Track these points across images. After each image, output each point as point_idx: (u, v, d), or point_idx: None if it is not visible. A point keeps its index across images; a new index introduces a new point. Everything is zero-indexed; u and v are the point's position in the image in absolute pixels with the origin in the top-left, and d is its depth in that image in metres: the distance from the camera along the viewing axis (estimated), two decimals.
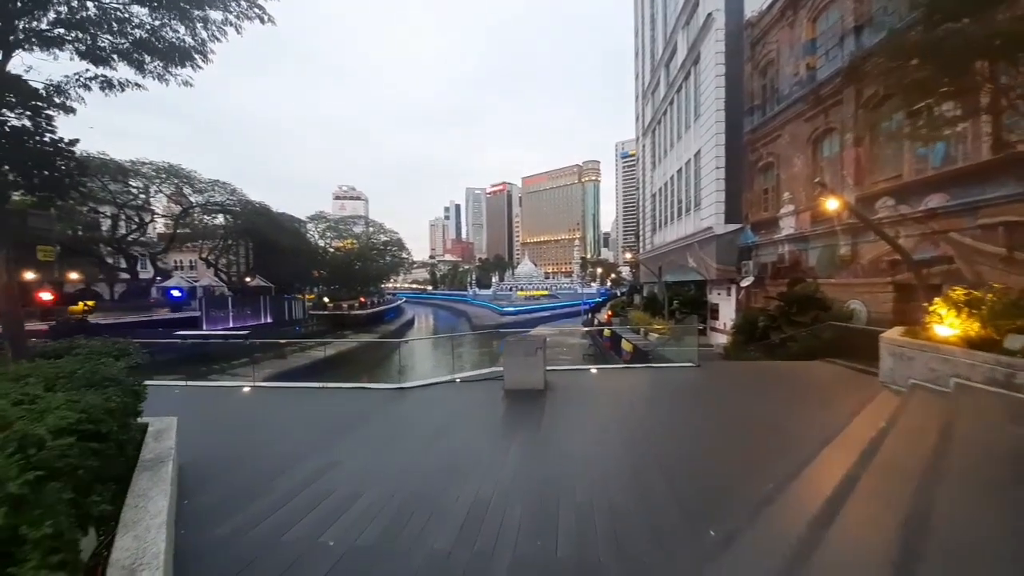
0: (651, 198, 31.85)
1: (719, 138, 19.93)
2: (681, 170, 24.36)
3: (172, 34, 6.64)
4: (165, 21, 6.50)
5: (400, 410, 6.48)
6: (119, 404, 2.21)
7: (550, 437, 5.00)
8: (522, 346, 7.17)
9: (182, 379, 7.99)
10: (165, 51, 6.75)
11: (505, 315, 72.84)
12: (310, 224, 67.54)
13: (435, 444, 4.88)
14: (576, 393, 7.05)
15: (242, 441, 5.17)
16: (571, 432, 5.13)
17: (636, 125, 55.84)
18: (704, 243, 20.50)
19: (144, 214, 47.13)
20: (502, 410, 6.28)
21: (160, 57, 6.74)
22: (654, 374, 8.50)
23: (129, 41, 6.43)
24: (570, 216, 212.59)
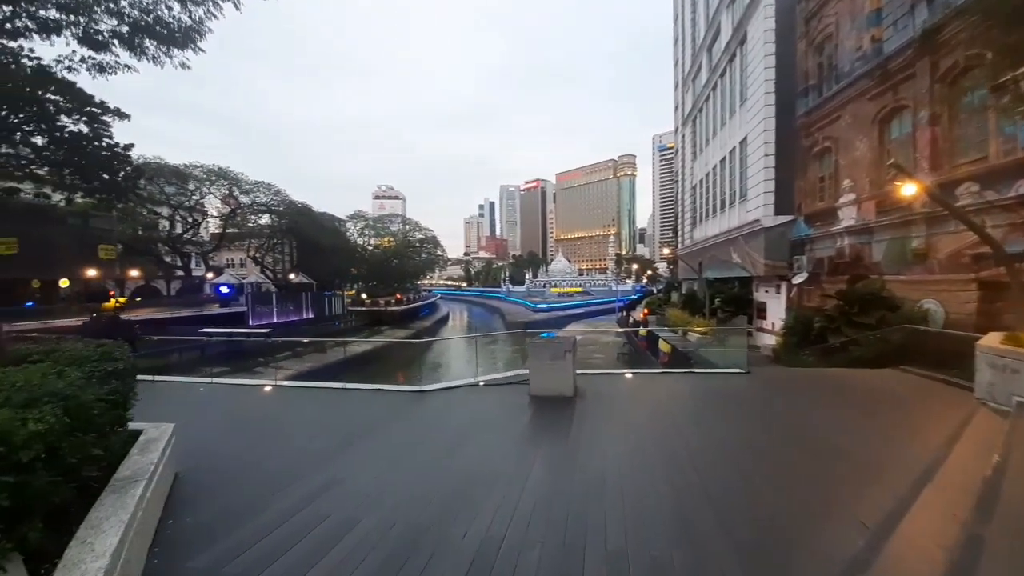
0: (691, 190, 30.25)
1: (768, 123, 18.45)
2: (724, 159, 22.85)
3: (166, 12, 6.48)
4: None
5: (416, 416, 6.09)
6: (54, 423, 1.89)
7: (578, 456, 4.42)
8: (549, 349, 6.59)
9: (207, 376, 7.96)
10: (164, 35, 6.60)
11: (538, 312, 72.24)
12: (349, 223, 69.37)
13: (448, 460, 4.42)
14: (609, 402, 6.42)
15: (248, 447, 4.91)
16: (603, 451, 4.53)
17: (675, 115, 53.62)
18: (750, 237, 19.09)
19: (196, 215, 49.86)
20: (526, 420, 5.74)
21: (160, 40, 6.61)
22: (697, 381, 7.70)
23: (128, 24, 6.32)
24: (605, 212, 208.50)
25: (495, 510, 3.32)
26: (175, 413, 6.26)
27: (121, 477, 2.68)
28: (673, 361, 14.15)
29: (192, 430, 5.49)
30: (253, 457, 4.56)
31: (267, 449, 4.82)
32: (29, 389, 2.06)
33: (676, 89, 52.66)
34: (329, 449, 4.69)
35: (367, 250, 69.39)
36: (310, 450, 4.67)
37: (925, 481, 3.61)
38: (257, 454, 4.66)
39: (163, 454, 3.32)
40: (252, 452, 4.73)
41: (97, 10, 6.09)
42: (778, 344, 16.47)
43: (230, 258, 64.43)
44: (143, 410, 6.44)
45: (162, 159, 43.64)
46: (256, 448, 4.87)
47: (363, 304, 59.10)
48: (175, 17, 6.43)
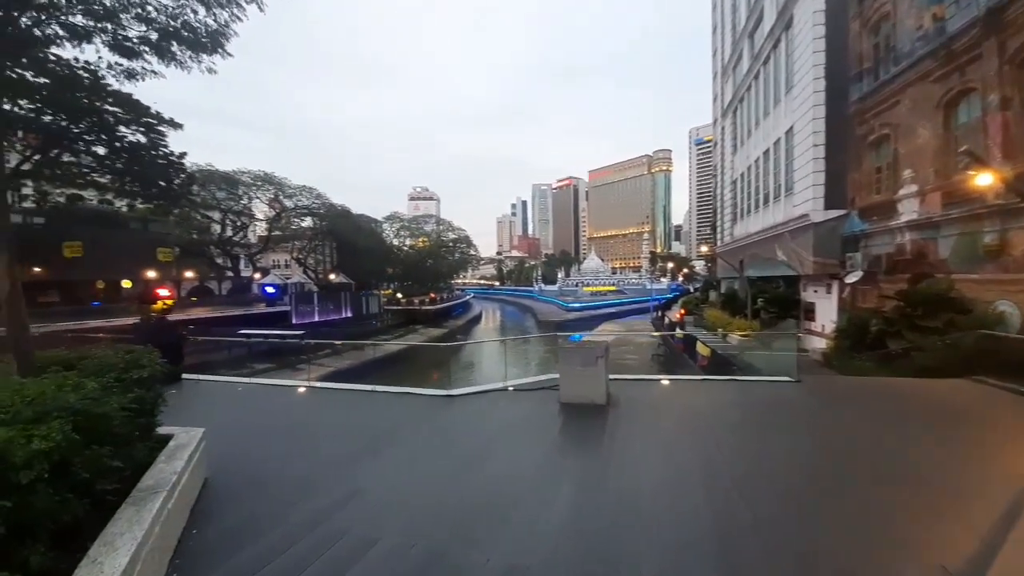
0: (731, 185, 28.90)
1: (817, 110, 17.29)
2: (768, 151, 21.63)
3: (192, 16, 6.61)
4: (184, 2, 6.45)
5: (443, 422, 5.97)
6: (61, 440, 1.87)
7: (610, 474, 4.14)
8: (579, 354, 6.31)
9: (248, 376, 8.20)
10: (193, 40, 6.76)
11: (571, 311, 71.48)
12: (385, 224, 71.14)
13: (473, 474, 4.25)
14: (644, 411, 6.05)
15: (276, 451, 4.93)
16: (637, 469, 4.23)
17: (713, 106, 51.60)
18: (797, 233, 17.96)
19: (244, 218, 52.51)
20: (555, 429, 5.50)
21: (189, 46, 6.77)
22: (741, 390, 7.16)
23: (157, 31, 6.50)
24: (639, 209, 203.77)
25: (520, 533, 3.13)
26: (213, 413, 6.48)
27: (143, 487, 2.68)
28: (712, 365, 13.46)
29: (227, 432, 5.62)
30: (280, 462, 4.58)
31: (294, 454, 4.84)
32: (40, 404, 2.07)
33: (715, 80, 50.66)
34: (354, 455, 4.64)
35: (402, 250, 70.89)
36: (335, 456, 4.64)
37: (1014, 516, 3.13)
38: (284, 459, 4.68)
39: (190, 461, 3.35)
40: (279, 456, 4.76)
41: (127, 16, 6.31)
42: (829, 348, 15.41)
43: (276, 259, 67.54)
44: (186, 410, 6.79)
45: (212, 166, 46.20)
46: (284, 452, 4.90)
47: (398, 303, 60.41)
48: (201, 21, 6.62)
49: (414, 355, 27.55)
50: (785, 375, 7.64)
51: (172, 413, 6.50)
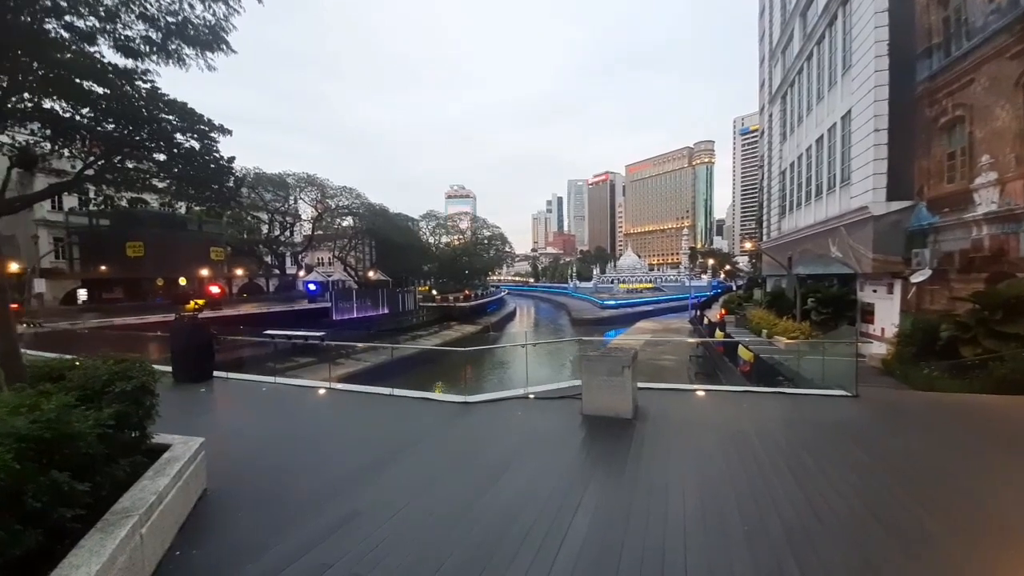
0: (779, 176, 27.07)
1: (879, 91, 15.72)
2: (822, 138, 19.99)
3: (191, 11, 6.62)
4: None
5: (459, 432, 5.69)
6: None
7: (633, 507, 3.64)
8: (605, 363, 5.80)
9: (273, 375, 8.29)
10: (196, 38, 6.79)
11: (606, 308, 70.10)
12: (422, 222, 72.28)
13: (486, 491, 3.91)
14: (675, 429, 5.49)
15: (283, 460, 4.80)
16: (665, 503, 3.71)
17: (760, 94, 48.69)
18: (855, 227, 16.47)
19: (289, 218, 54.83)
20: (575, 445, 5.06)
21: (191, 43, 6.81)
22: (789, 405, 6.38)
23: (159, 29, 6.56)
24: (679, 203, 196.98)
25: (533, 569, 2.77)
26: (231, 416, 6.51)
27: (117, 510, 2.53)
28: (755, 372, 12.49)
29: (241, 436, 5.60)
30: (283, 474, 4.43)
31: (300, 464, 4.68)
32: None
33: (761, 65, 47.71)
34: (359, 470, 4.42)
35: (437, 248, 71.85)
36: (340, 470, 4.43)
37: None
38: (289, 470, 4.54)
39: (179, 477, 3.21)
40: (285, 467, 4.62)
41: (128, 16, 6.41)
42: (890, 354, 14.02)
43: (320, 257, 70.26)
44: (206, 413, 6.87)
45: (260, 169, 48.46)
46: (290, 462, 4.76)
47: (434, 300, 61.31)
48: (200, 16, 6.65)
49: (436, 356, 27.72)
50: (840, 388, 6.79)
51: (192, 415, 6.62)
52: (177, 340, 8.48)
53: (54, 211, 37.18)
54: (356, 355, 27.44)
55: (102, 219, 36.74)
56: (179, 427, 5.94)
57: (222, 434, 5.57)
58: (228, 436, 5.52)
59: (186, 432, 5.42)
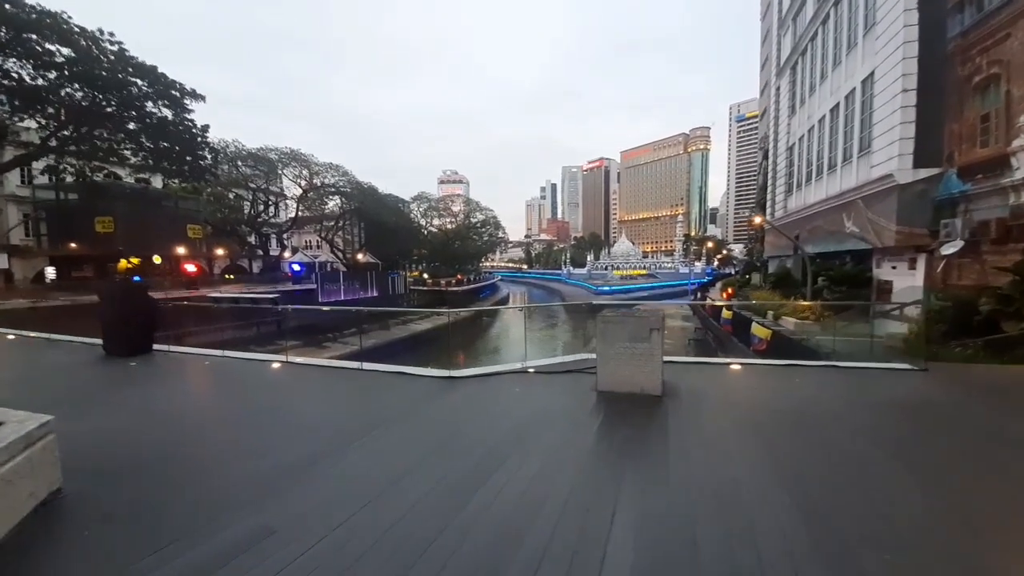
0: (785, 153, 25.82)
1: (908, 48, 14.44)
2: (838, 106, 18.72)
3: None
4: None
5: (440, 413, 4.46)
6: None
7: (698, 512, 2.48)
8: (627, 326, 4.55)
9: (219, 349, 6.94)
10: None
11: (600, 294, 69.17)
12: (413, 204, 70.34)
13: (474, 495, 2.65)
14: (716, 409, 4.32)
15: (193, 453, 3.47)
16: (720, 508, 2.56)
17: (761, 74, 47.80)
18: (876, 198, 15.33)
19: (272, 196, 52.65)
20: (594, 430, 3.82)
21: None
22: (847, 381, 5.18)
23: None
24: (673, 191, 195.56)
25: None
26: (152, 395, 5.16)
27: None
28: (774, 351, 11.39)
29: (152, 420, 4.26)
30: (190, 470, 3.15)
31: (219, 456, 3.39)
32: None
33: (763, 43, 46.65)
34: (298, 464, 3.14)
35: (429, 231, 70.05)
36: (271, 464, 3.14)
37: None
38: (200, 464, 3.26)
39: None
40: (195, 460, 3.34)
41: None
42: (912, 333, 13.00)
43: (307, 240, 68.13)
44: (124, 389, 5.30)
45: (240, 142, 46.17)
46: (206, 453, 3.47)
47: (425, 284, 59.92)
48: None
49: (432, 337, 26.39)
50: (903, 362, 5.60)
51: (103, 393, 5.22)
52: (108, 307, 7.07)
53: (23, 185, 34.94)
54: (343, 339, 26.09)
55: (70, 193, 34.57)
56: (76, 407, 4.62)
57: (129, 417, 4.26)
58: (136, 419, 4.20)
59: (81, 414, 4.09)
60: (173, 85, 29.53)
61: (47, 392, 5.34)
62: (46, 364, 7.00)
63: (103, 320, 7.07)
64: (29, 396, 5.07)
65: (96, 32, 24.26)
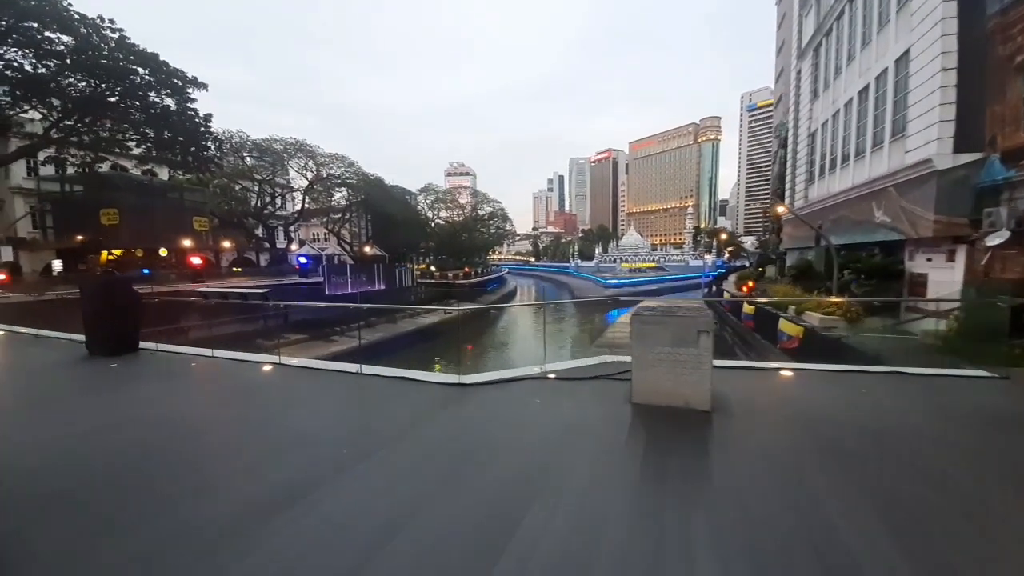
0: (807, 139, 24.72)
1: (947, 24, 13.44)
2: (868, 88, 17.69)
3: None
4: None
5: (447, 429, 3.82)
6: None
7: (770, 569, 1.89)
8: (668, 327, 3.85)
9: (208, 348, 6.36)
10: None
11: (608, 287, 68.25)
12: (420, 196, 69.76)
13: (496, 558, 2.03)
14: (779, 424, 3.64)
15: (148, 479, 2.90)
16: (818, 546, 2.00)
17: (777, 60, 46.47)
18: (910, 186, 14.40)
19: (279, 188, 52.25)
20: (637, 456, 3.15)
21: None
22: (920, 389, 4.51)
23: None
24: (682, 182, 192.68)
25: None
26: (125, 401, 4.58)
27: None
28: (805, 351, 10.64)
29: (110, 433, 3.68)
30: (132, 504, 2.56)
31: (167, 490, 2.78)
32: None
33: (779, 28, 45.30)
34: (270, 500, 2.52)
35: (436, 224, 69.45)
36: (233, 500, 2.54)
37: None
38: (145, 497, 2.67)
39: None
40: (140, 492, 2.75)
41: None
42: (950, 330, 12.16)
43: (315, 233, 67.90)
44: (97, 393, 4.76)
45: (244, 132, 45.71)
46: (153, 485, 2.86)
47: (432, 277, 59.54)
48: None
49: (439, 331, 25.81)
50: (978, 369, 4.87)
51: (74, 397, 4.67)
52: (90, 303, 6.53)
53: (29, 178, 34.81)
54: (351, 332, 25.61)
55: (76, 185, 34.37)
56: (30, 416, 4.08)
57: (87, 429, 3.69)
58: (94, 432, 3.63)
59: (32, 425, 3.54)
60: (175, 73, 29.00)
61: (4, 397, 4.82)
62: (20, 364, 6.51)
63: (85, 317, 6.54)
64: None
65: (97, 19, 23.74)
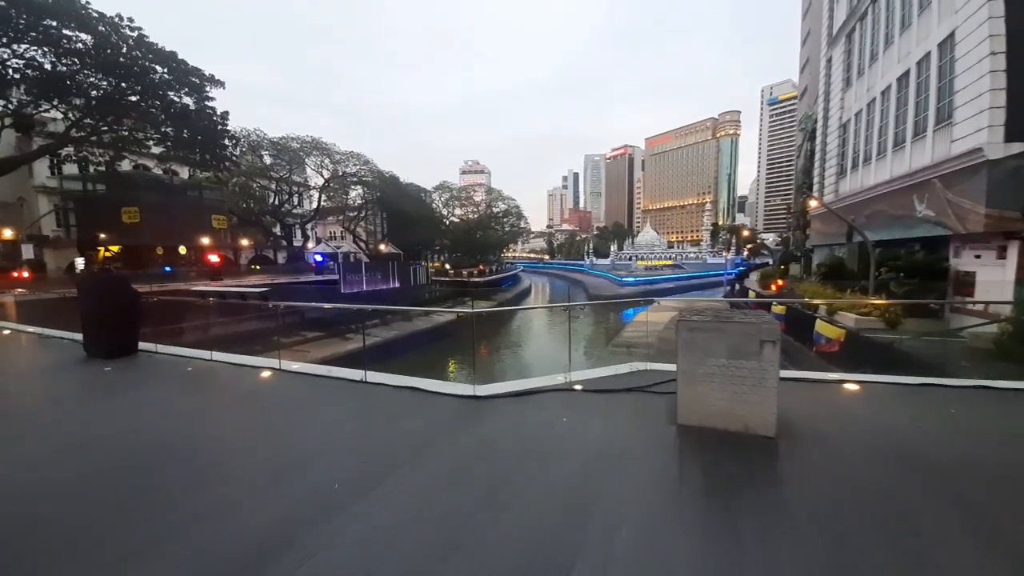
0: (838, 130, 23.52)
1: (992, 7, 12.43)
2: (908, 74, 16.59)
3: None
4: None
5: (464, 454, 3.22)
6: None
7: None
8: (725, 335, 3.24)
9: (207, 351, 5.97)
10: None
11: (624, 285, 67.16)
12: (434, 194, 69.64)
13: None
14: (864, 456, 2.96)
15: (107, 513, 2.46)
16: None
17: (800, 51, 45.19)
18: (957, 177, 13.38)
19: (296, 186, 52.61)
20: (685, 493, 2.58)
21: None
22: (1018, 408, 3.88)
23: None
24: (700, 178, 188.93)
25: None
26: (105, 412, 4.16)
27: None
28: (849, 353, 9.84)
29: (80, 453, 3.26)
30: (77, 553, 2.11)
31: (124, 532, 2.30)
32: None
33: (804, 18, 43.99)
34: (247, 553, 2.06)
35: (450, 221, 69.24)
36: (203, 549, 2.08)
37: None
38: (96, 540, 2.22)
39: None
40: (90, 536, 2.29)
41: None
42: (1003, 332, 11.20)
43: (332, 231, 68.36)
44: (81, 402, 4.43)
45: (261, 130, 46.05)
46: (108, 521, 2.39)
47: (447, 275, 59.36)
48: None
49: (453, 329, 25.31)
50: None
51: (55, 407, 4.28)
52: (86, 302, 6.21)
53: (53, 177, 35.58)
54: (367, 330, 25.34)
55: (98, 184, 34.97)
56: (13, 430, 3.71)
57: (55, 446, 3.28)
58: (58, 451, 3.21)
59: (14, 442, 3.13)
60: (193, 72, 29.13)
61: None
62: (13, 367, 6.22)
63: (83, 317, 6.23)
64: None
65: (115, 18, 23.88)
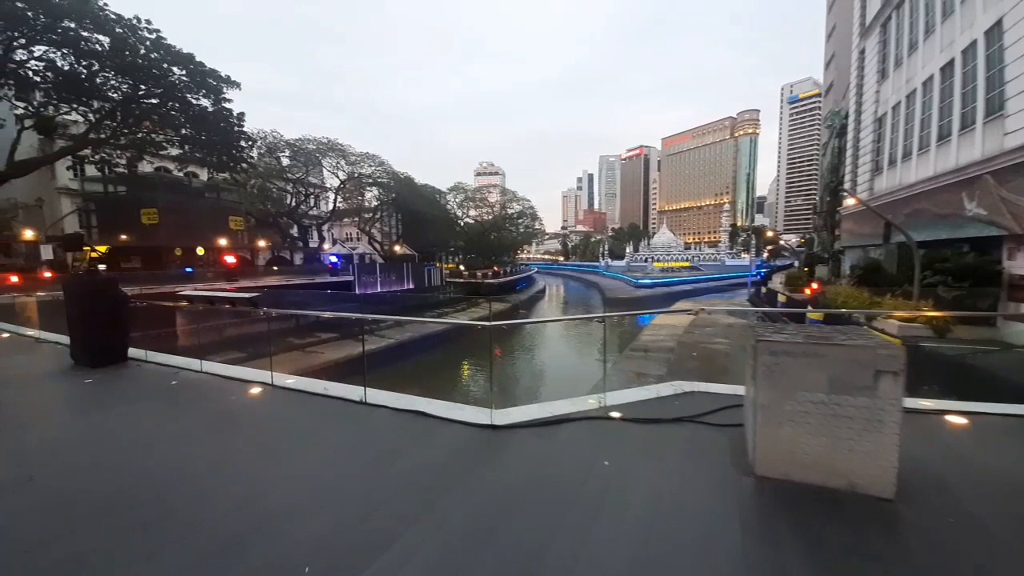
0: (873, 125, 22.27)
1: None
2: (952, 64, 15.45)
3: None
4: None
5: (481, 506, 2.50)
6: None
7: None
8: (825, 362, 2.46)
9: (197, 360, 5.45)
10: None
11: (640, 287, 65.83)
12: (449, 195, 69.46)
13: None
14: (1008, 527, 2.19)
15: None
16: None
17: (826, 45, 44.25)
18: (1012, 172, 12.30)
19: (312, 187, 52.92)
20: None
21: None
22: None
23: None
24: (718, 178, 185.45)
25: None
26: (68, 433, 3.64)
27: None
28: (917, 371, 8.89)
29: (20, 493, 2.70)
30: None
31: None
32: None
33: (829, 11, 43.00)
34: None
35: (465, 222, 68.96)
36: None
37: None
38: None
39: None
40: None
41: None
42: None
43: (348, 232, 68.72)
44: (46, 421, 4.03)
45: (278, 132, 46.37)
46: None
47: (461, 276, 59.04)
48: None
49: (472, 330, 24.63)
50: None
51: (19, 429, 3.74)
52: (73, 305, 5.76)
53: (75, 179, 36.25)
54: (380, 332, 24.97)
55: (119, 186, 35.49)
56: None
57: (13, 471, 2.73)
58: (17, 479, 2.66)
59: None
60: (210, 73, 29.25)
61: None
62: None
63: (68, 322, 5.78)
64: None
65: (133, 20, 23.98)
